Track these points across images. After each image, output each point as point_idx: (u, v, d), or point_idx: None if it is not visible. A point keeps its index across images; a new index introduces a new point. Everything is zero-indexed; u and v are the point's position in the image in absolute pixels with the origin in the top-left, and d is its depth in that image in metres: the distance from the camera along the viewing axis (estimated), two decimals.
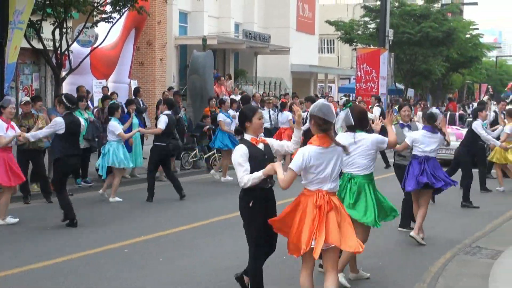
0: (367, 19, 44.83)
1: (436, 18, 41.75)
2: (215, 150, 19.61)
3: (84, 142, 16.35)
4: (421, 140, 10.97)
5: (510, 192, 17.15)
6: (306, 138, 7.45)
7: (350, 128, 8.44)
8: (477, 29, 55.31)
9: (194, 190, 16.24)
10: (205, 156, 20.74)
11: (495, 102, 30.48)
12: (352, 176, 8.47)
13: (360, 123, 8.43)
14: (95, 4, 18.81)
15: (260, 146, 7.27)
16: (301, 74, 45.77)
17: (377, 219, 8.40)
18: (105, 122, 16.23)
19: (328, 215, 6.72)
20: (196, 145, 20.73)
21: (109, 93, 20.03)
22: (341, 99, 13.34)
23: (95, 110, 18.67)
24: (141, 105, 20.39)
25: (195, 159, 20.46)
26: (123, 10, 19.21)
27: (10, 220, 12.16)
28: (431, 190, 11.11)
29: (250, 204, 7.12)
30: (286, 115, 20.91)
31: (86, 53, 20.30)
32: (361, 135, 8.43)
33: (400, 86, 45.46)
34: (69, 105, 12.09)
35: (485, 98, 44.16)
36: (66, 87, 20.11)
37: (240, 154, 7.07)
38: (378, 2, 39.26)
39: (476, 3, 63.38)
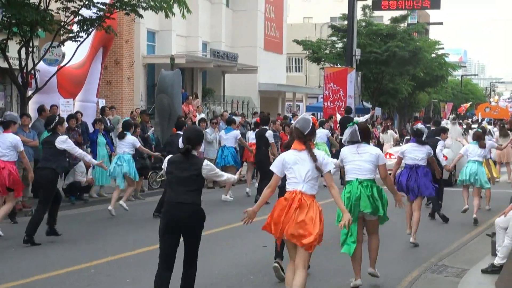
0: (334, 38, 45.10)
1: (403, 38, 42.14)
2: None
3: None
4: (409, 150, 12.89)
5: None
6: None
7: (355, 142, 9.66)
8: (442, 48, 55.98)
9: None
10: None
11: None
12: (360, 180, 9.53)
13: (365, 137, 9.71)
14: (62, 23, 18.73)
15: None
16: (269, 93, 45.89)
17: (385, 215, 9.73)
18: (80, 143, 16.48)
19: (296, 211, 7.78)
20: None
21: (57, 112, 19.46)
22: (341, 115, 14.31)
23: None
24: (108, 124, 20.31)
25: (162, 178, 20.33)
26: (91, 29, 19.15)
27: None
28: (421, 196, 12.87)
29: None
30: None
31: (52, 72, 20.19)
32: (365, 147, 9.68)
33: (368, 105, 45.73)
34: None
35: (451, 117, 44.62)
36: (32, 106, 19.95)
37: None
38: (345, 22, 39.54)
39: (441, 23, 64.31)
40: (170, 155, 8.23)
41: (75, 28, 19.10)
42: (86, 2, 18.10)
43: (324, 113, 35.11)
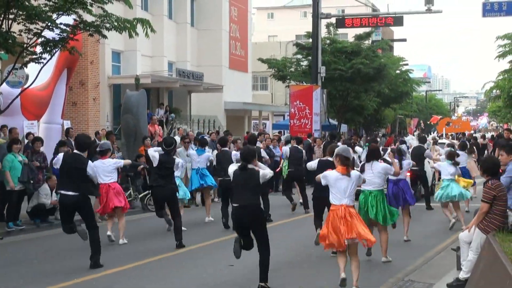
0: (299, 56, 45.26)
1: (367, 55, 42.39)
2: (149, 190, 19.40)
3: (19, 185, 16.17)
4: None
5: (441, 225, 17.44)
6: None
7: (368, 160, 12.77)
8: (407, 64, 56.60)
9: (130, 230, 16.07)
10: (140, 195, 20.61)
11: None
12: (370, 191, 12.48)
13: (374, 156, 12.77)
14: (25, 45, 18.61)
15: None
16: (235, 112, 45.94)
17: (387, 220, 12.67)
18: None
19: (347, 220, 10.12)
20: (130, 185, 20.59)
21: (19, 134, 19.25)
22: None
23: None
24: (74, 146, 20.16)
25: (130, 199, 20.27)
26: (54, 51, 19.05)
27: None
28: (408, 204, 15.08)
29: None
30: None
31: (16, 94, 20.04)
32: (375, 164, 12.63)
33: (334, 122, 45.98)
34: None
35: (416, 133, 45.07)
36: None
37: None
38: (310, 40, 39.78)
39: (405, 40, 65.03)
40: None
41: (38, 49, 18.99)
42: (49, 24, 17.99)
43: (290, 131, 35.23)
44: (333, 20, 41.64)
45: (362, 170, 12.41)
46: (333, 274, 10.66)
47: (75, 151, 12.48)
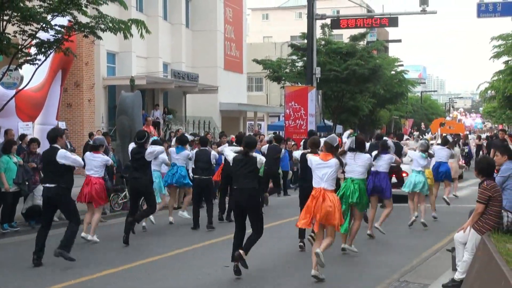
0: (294, 57, 45.30)
1: (362, 56, 42.46)
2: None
3: (14, 186, 16.13)
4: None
5: (435, 225, 17.47)
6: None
7: (352, 150, 13.44)
8: (402, 65, 56.66)
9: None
10: None
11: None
12: (353, 179, 13.33)
13: (360, 147, 13.59)
14: (19, 46, 18.56)
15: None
16: (230, 113, 45.96)
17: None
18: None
19: (322, 204, 10.91)
20: (125, 186, 20.55)
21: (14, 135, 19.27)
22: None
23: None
24: (68, 147, 20.14)
25: (125, 200, 20.26)
26: (49, 52, 19.00)
27: None
28: (377, 196, 15.25)
29: None
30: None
31: (10, 95, 19.99)
32: (359, 155, 13.52)
33: (329, 123, 46.01)
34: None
35: (416, 133, 45.14)
36: None
37: None
38: (305, 41, 39.80)
39: (400, 41, 65.04)
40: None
41: (33, 51, 18.94)
42: (44, 25, 17.95)
43: (285, 132, 35.25)
44: (328, 21, 41.66)
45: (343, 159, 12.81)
46: (329, 272, 10.65)
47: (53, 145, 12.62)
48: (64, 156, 12.34)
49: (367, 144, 17.16)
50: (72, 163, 12.54)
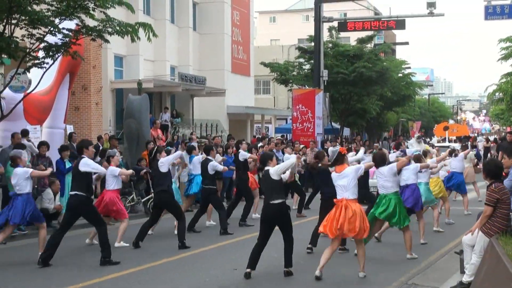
0: (301, 60, 45.30)
1: (369, 58, 42.41)
2: (152, 194, 19.40)
3: None
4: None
5: (444, 228, 17.42)
6: None
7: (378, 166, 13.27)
8: (409, 68, 56.55)
9: (132, 234, 16.03)
10: (143, 200, 20.62)
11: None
12: (384, 194, 13.21)
13: (381, 162, 13.35)
14: (27, 50, 18.62)
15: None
16: (237, 116, 45.94)
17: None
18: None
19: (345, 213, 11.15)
20: (133, 189, 20.59)
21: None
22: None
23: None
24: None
25: (132, 203, 20.31)
26: (56, 56, 19.06)
27: None
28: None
29: None
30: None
31: (18, 99, 20.05)
32: (383, 168, 13.24)
33: (336, 126, 45.96)
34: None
35: (416, 135, 44.98)
36: None
37: None
38: (312, 44, 39.79)
39: (407, 43, 65.18)
40: None
41: (41, 54, 19.01)
42: (51, 29, 18.02)
43: (293, 135, 35.24)
44: (335, 23, 41.66)
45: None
46: (334, 271, 10.65)
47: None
48: (85, 164, 12.57)
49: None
50: (93, 169, 12.74)
